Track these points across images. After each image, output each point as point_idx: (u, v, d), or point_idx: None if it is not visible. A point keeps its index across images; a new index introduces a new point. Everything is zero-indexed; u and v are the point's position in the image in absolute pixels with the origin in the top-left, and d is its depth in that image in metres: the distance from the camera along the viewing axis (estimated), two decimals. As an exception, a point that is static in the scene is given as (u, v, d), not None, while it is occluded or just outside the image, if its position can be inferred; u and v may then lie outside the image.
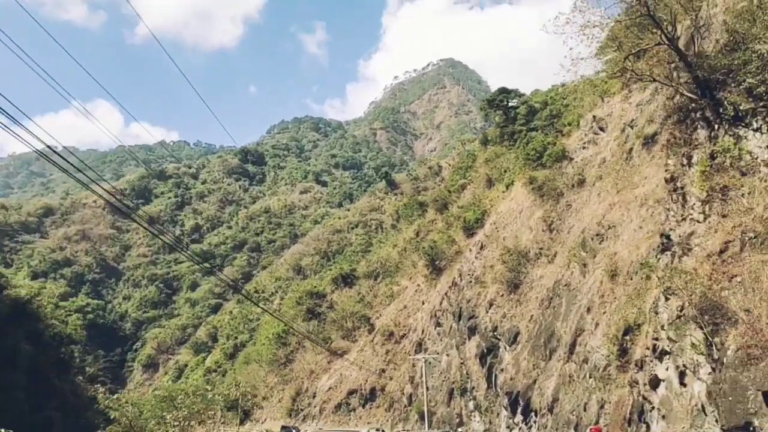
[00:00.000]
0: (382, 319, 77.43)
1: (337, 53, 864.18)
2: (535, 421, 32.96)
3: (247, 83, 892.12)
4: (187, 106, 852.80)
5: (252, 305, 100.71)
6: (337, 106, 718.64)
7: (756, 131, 17.26)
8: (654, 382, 17.69)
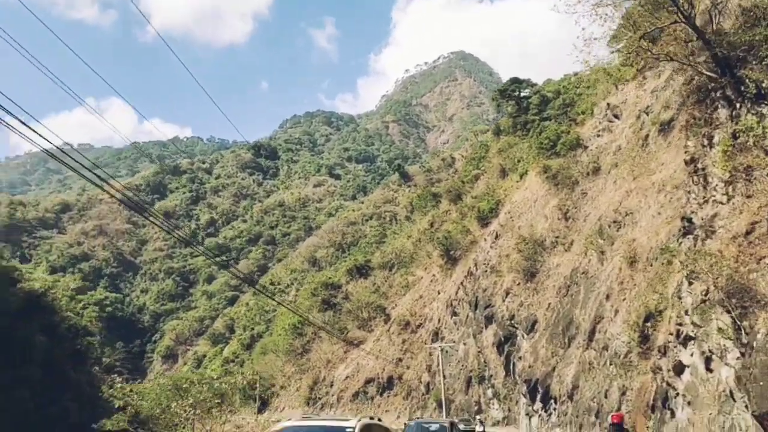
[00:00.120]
0: (397, 309, 77.60)
1: (348, 48, 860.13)
2: (555, 408, 32.88)
3: (259, 79, 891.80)
4: (200, 102, 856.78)
5: (271, 295, 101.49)
6: (349, 100, 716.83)
7: (780, 109, 16.90)
8: (678, 368, 17.45)
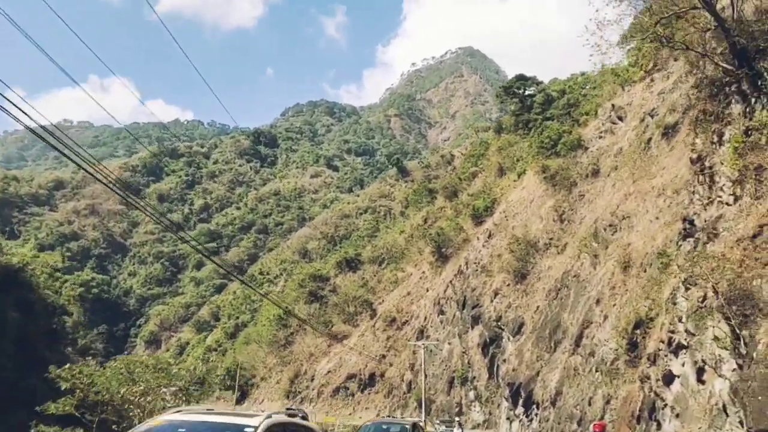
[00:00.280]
0: (384, 305, 76.37)
1: (356, 37, 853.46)
2: (537, 414, 31.68)
3: (265, 65, 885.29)
4: (203, 85, 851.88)
5: (254, 286, 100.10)
6: (353, 91, 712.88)
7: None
8: (668, 377, 16.27)
